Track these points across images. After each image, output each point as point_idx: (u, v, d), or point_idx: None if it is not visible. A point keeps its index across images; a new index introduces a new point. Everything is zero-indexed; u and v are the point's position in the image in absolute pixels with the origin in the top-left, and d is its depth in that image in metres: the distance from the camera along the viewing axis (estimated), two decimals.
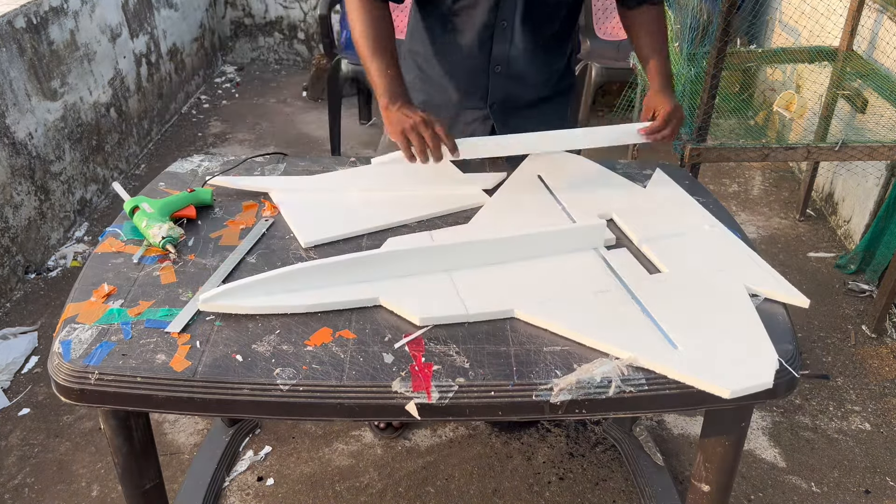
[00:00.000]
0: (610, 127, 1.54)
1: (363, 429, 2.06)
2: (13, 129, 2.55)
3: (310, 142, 3.79)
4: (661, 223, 1.37)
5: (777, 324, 1.14)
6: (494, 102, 1.62)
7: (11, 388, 2.19)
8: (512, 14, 1.50)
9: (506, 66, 1.57)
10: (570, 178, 1.53)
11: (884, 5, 2.64)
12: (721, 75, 1.98)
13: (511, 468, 1.95)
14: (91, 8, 3.08)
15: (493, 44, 1.54)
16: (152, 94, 3.73)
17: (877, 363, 2.33)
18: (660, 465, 1.90)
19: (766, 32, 3.74)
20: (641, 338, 1.09)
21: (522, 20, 1.51)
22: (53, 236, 2.81)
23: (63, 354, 1.07)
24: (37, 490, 1.88)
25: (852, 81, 2.52)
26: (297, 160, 1.63)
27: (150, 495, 1.26)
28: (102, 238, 1.35)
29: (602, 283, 1.21)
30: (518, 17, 1.51)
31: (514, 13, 1.50)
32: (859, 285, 2.66)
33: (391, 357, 1.07)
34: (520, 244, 1.26)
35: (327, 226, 1.36)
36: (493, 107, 1.62)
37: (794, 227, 3.07)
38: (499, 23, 1.51)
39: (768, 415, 2.14)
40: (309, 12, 4.63)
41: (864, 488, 1.93)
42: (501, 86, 1.59)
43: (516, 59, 1.56)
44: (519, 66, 1.58)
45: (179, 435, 2.04)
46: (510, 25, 1.51)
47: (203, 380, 1.03)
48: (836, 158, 2.09)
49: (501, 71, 1.57)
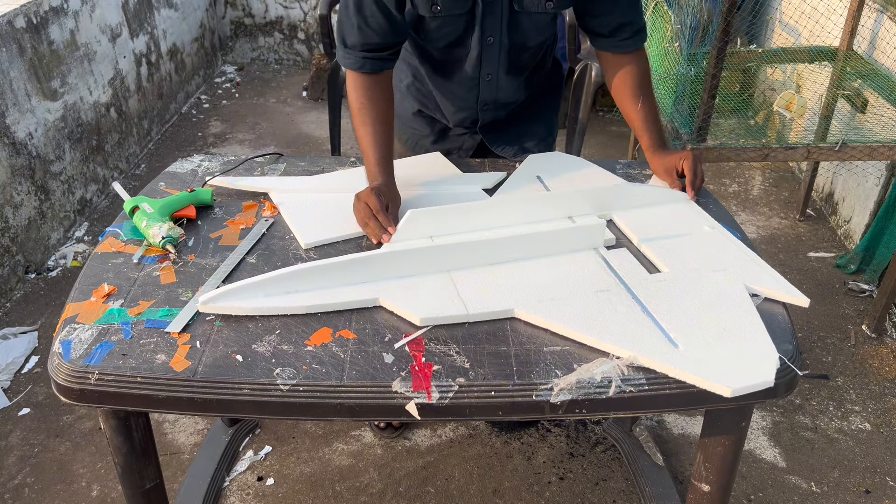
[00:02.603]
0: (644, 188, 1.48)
1: (363, 429, 2.06)
2: (13, 129, 2.55)
3: (310, 142, 3.79)
4: (660, 223, 1.37)
5: (777, 323, 1.14)
6: (483, 126, 1.68)
7: (11, 388, 2.19)
8: (495, 68, 1.53)
9: (493, 104, 1.62)
10: (570, 179, 1.53)
11: (884, 5, 2.64)
12: (721, 75, 1.98)
13: (511, 468, 1.95)
14: (91, 8, 3.08)
15: (480, 91, 1.58)
16: (152, 93, 3.73)
17: (877, 363, 2.33)
18: (660, 465, 1.90)
19: (766, 32, 3.74)
20: (642, 337, 1.09)
21: (507, 71, 1.55)
22: (53, 236, 2.81)
23: (63, 354, 1.07)
24: (37, 490, 1.88)
25: (852, 81, 2.52)
26: (297, 160, 1.63)
27: (150, 495, 1.26)
28: (102, 238, 1.35)
29: (602, 282, 1.21)
30: (502, 70, 1.54)
31: (496, 67, 1.53)
32: (859, 285, 2.66)
33: (391, 357, 1.07)
34: (520, 244, 1.26)
35: (327, 226, 1.36)
36: (483, 128, 1.68)
37: (794, 227, 3.07)
38: (483, 76, 1.55)
39: (768, 415, 2.14)
40: (309, 12, 4.63)
41: (864, 488, 1.93)
42: (489, 116, 1.65)
43: (503, 98, 1.61)
44: (505, 101, 1.63)
45: (179, 435, 2.04)
46: (494, 77, 1.55)
47: (203, 380, 1.03)
48: (836, 158, 2.09)
49: (489, 107, 1.63)
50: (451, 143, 1.72)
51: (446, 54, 1.53)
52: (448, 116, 1.66)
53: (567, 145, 3.61)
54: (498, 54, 1.50)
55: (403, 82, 1.66)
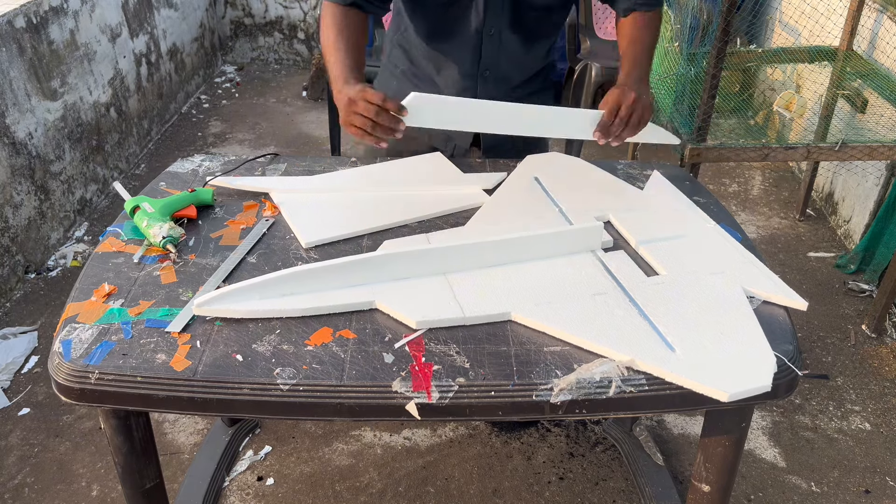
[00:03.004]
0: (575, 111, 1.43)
1: (363, 429, 2.06)
2: (13, 129, 2.55)
3: (310, 142, 3.79)
4: (658, 225, 1.37)
5: (777, 324, 1.14)
6: None
7: (11, 387, 2.19)
8: (500, 21, 1.51)
9: (495, 69, 1.58)
10: (568, 180, 1.53)
11: (884, 5, 2.64)
12: (721, 75, 1.98)
13: (511, 468, 1.95)
14: (91, 8, 3.08)
15: (483, 50, 1.54)
16: (152, 93, 3.73)
17: (877, 363, 2.33)
18: (660, 465, 1.91)
19: (766, 32, 3.74)
20: (639, 341, 1.09)
21: (511, 27, 1.52)
22: (53, 236, 2.81)
23: (63, 354, 1.07)
24: (37, 490, 1.88)
25: (852, 81, 2.52)
26: (297, 160, 1.63)
27: (150, 495, 1.26)
28: (103, 238, 1.35)
29: (599, 285, 1.21)
30: (506, 24, 1.52)
31: (501, 21, 1.51)
32: (859, 285, 2.66)
33: (391, 357, 1.07)
34: (517, 246, 1.26)
35: (328, 226, 1.36)
36: None
37: (794, 226, 3.07)
38: (487, 30, 1.52)
39: (768, 415, 2.14)
40: (309, 12, 4.63)
41: (864, 488, 1.93)
42: (489, 89, 1.60)
43: (505, 63, 1.57)
44: (507, 69, 1.59)
45: (179, 435, 2.04)
46: (497, 32, 1.52)
47: (203, 380, 1.03)
48: (835, 158, 2.09)
49: (490, 75, 1.58)
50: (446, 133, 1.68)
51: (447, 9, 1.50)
52: (445, 90, 1.60)
53: (567, 145, 3.61)
54: (502, 5, 1.48)
55: (399, 68, 1.64)
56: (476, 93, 1.60)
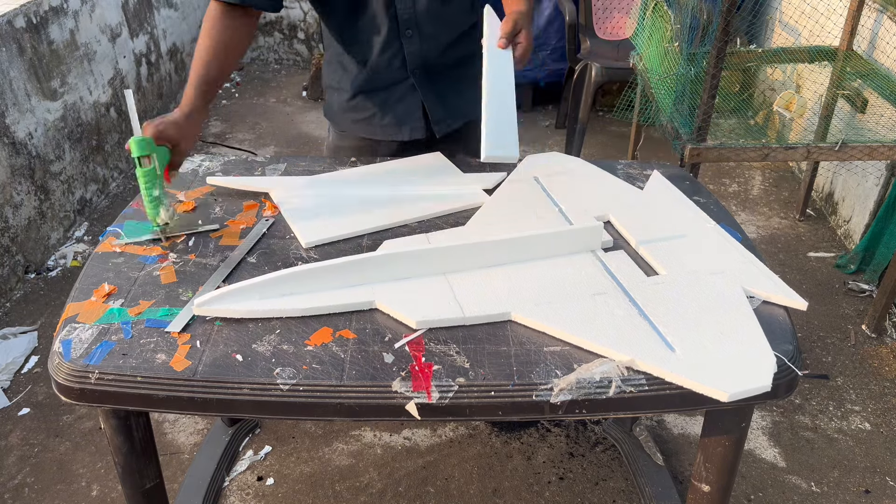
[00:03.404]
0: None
1: (363, 429, 2.06)
2: (13, 129, 2.55)
3: (310, 141, 3.79)
4: (658, 225, 1.37)
5: (777, 324, 1.14)
6: (416, 69, 1.62)
7: (11, 387, 2.19)
8: (412, 14, 1.52)
9: (415, 28, 1.57)
10: (568, 180, 1.53)
11: (884, 5, 2.64)
12: (721, 75, 1.98)
13: (511, 468, 1.95)
14: (91, 8, 3.08)
15: (396, 6, 1.53)
16: (152, 93, 3.73)
17: (877, 363, 2.33)
18: (660, 465, 1.91)
19: (766, 32, 3.74)
20: (639, 341, 1.09)
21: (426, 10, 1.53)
22: (53, 236, 2.81)
23: (63, 354, 1.07)
24: (37, 490, 1.88)
25: (852, 81, 2.52)
26: (297, 160, 1.63)
27: (150, 495, 1.26)
28: (103, 238, 1.35)
29: (599, 285, 1.21)
30: (420, 10, 1.52)
31: (413, 12, 1.52)
32: (859, 285, 2.66)
33: (391, 357, 1.07)
34: (516, 246, 1.26)
35: (328, 226, 1.36)
36: (416, 73, 1.63)
37: (794, 226, 3.07)
38: (403, 32, 1.53)
39: (768, 414, 2.14)
40: (309, 12, 4.63)
41: (864, 488, 1.93)
42: (417, 51, 1.60)
43: (423, 18, 1.56)
44: (428, 26, 1.58)
45: (179, 435, 2.05)
46: (415, 28, 1.53)
47: (203, 379, 1.03)
48: (835, 158, 2.09)
49: (413, 35, 1.58)
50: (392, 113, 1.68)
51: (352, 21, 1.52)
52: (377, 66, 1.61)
53: (567, 145, 3.61)
54: None
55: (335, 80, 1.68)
56: (404, 55, 1.60)
